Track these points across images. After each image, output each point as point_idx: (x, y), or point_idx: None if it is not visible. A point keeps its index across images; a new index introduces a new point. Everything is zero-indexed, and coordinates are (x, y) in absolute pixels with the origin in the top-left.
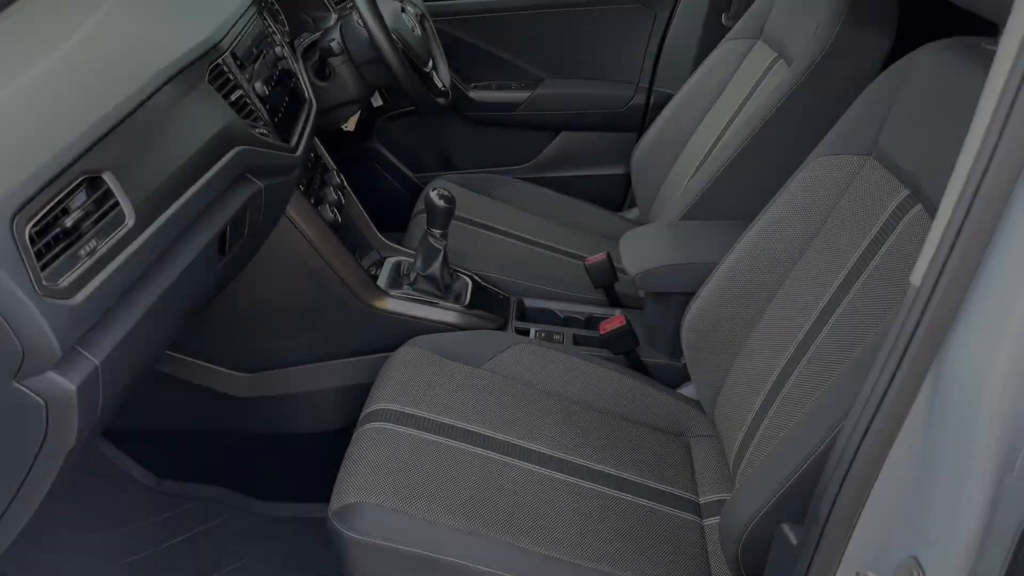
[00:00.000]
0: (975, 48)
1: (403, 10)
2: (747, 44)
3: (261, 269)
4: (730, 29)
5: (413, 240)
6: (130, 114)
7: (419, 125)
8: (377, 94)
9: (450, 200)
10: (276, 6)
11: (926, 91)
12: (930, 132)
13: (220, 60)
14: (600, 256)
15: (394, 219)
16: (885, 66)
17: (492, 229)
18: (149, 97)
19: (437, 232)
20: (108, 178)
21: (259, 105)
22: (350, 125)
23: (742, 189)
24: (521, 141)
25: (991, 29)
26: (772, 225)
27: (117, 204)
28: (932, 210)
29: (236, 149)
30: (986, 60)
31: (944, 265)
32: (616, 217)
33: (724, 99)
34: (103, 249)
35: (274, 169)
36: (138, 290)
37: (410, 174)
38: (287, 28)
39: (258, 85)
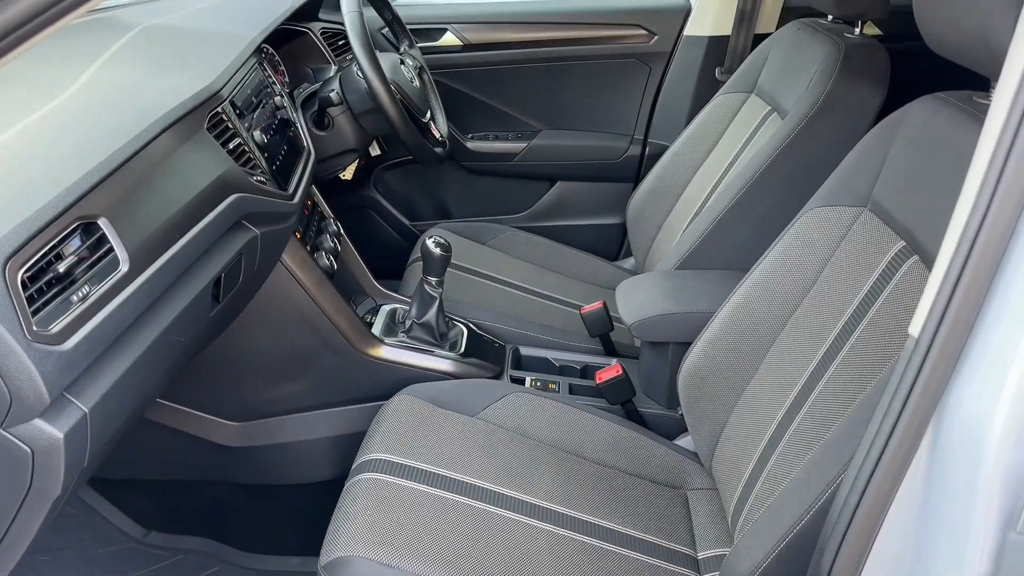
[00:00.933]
0: (966, 101)
1: (402, 62)
2: (741, 98)
3: (255, 316)
4: (724, 83)
5: (409, 288)
6: (127, 160)
7: (416, 174)
8: (375, 143)
9: (446, 248)
10: (277, 58)
11: (919, 143)
12: (924, 184)
13: (219, 108)
14: (596, 305)
15: (391, 267)
16: (878, 119)
17: (488, 277)
18: (147, 144)
19: (433, 280)
20: (103, 224)
21: (257, 153)
22: (348, 174)
23: (737, 239)
24: (518, 191)
25: (983, 83)
26: (768, 276)
27: (112, 250)
28: (929, 261)
29: (233, 196)
30: (978, 112)
31: (943, 316)
32: (612, 266)
33: (718, 151)
34: (96, 295)
35: (271, 216)
36: (130, 336)
37: (407, 222)
38: (287, 79)
39: (257, 134)
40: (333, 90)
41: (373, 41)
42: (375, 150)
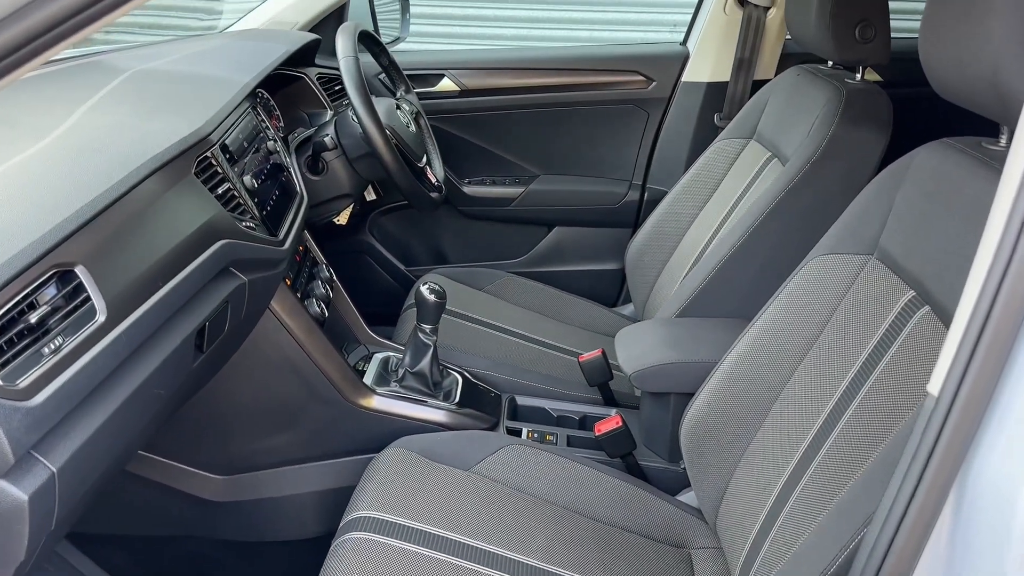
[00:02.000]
0: (975, 147)
1: (398, 107)
2: (740, 144)
3: (242, 365)
4: (723, 129)
5: (403, 335)
6: (109, 206)
7: (412, 219)
8: (371, 188)
9: (441, 295)
10: (272, 102)
11: (927, 190)
12: (933, 232)
13: (208, 153)
14: (595, 353)
15: (386, 313)
16: (882, 165)
17: (484, 324)
18: (131, 189)
19: (427, 327)
20: (80, 272)
21: (247, 198)
22: (343, 218)
23: (739, 287)
24: (515, 236)
25: (990, 129)
26: (772, 325)
27: (88, 299)
28: (940, 312)
29: (220, 243)
30: (988, 159)
31: (963, 375)
32: (611, 313)
33: (718, 197)
34: (69, 346)
35: (260, 263)
36: (105, 390)
37: (402, 268)
38: (283, 123)
39: (247, 179)
40: (327, 135)
41: (369, 86)
42: (371, 195)
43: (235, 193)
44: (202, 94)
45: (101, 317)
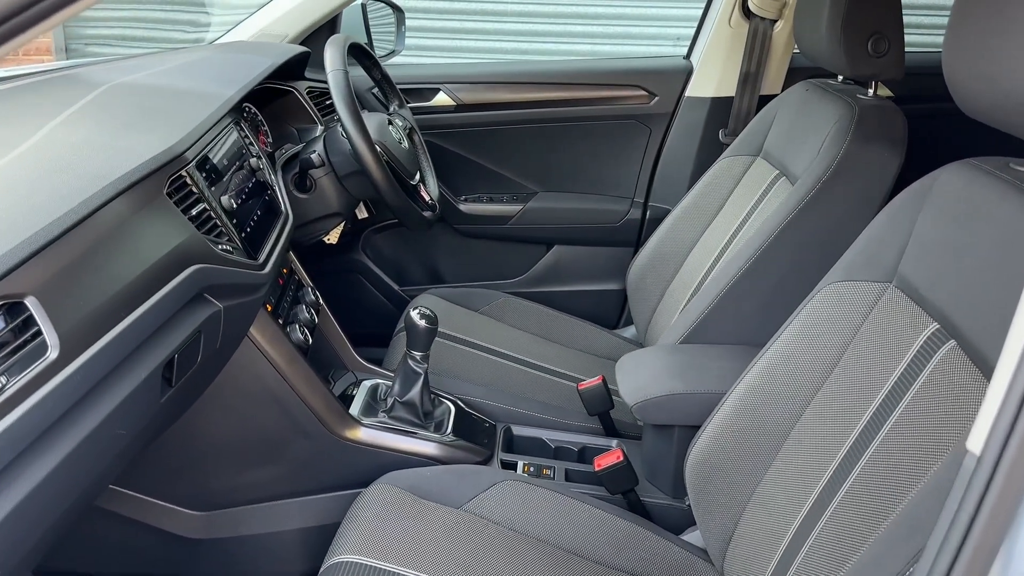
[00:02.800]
0: (1004, 168)
1: (390, 123)
2: (746, 161)
3: (218, 397)
4: (727, 146)
5: (394, 360)
6: (68, 230)
7: (406, 237)
8: (362, 206)
9: (432, 320)
10: (259, 117)
11: (952, 214)
12: (959, 260)
13: (183, 172)
14: (595, 381)
15: (379, 334)
16: (897, 186)
17: (479, 347)
18: (94, 211)
19: (418, 355)
20: (31, 303)
21: (225, 219)
22: (332, 237)
23: (746, 312)
24: (512, 255)
25: (1017, 148)
26: (784, 355)
27: (39, 333)
28: (969, 348)
29: (192, 268)
30: (1018, 181)
31: (1009, 434)
32: (611, 336)
33: (723, 216)
34: (16, 386)
35: (237, 288)
36: (58, 432)
37: (396, 287)
38: (271, 139)
39: (225, 199)
40: (315, 151)
41: (361, 101)
42: (362, 212)
43: (212, 214)
44: (181, 109)
45: (53, 353)
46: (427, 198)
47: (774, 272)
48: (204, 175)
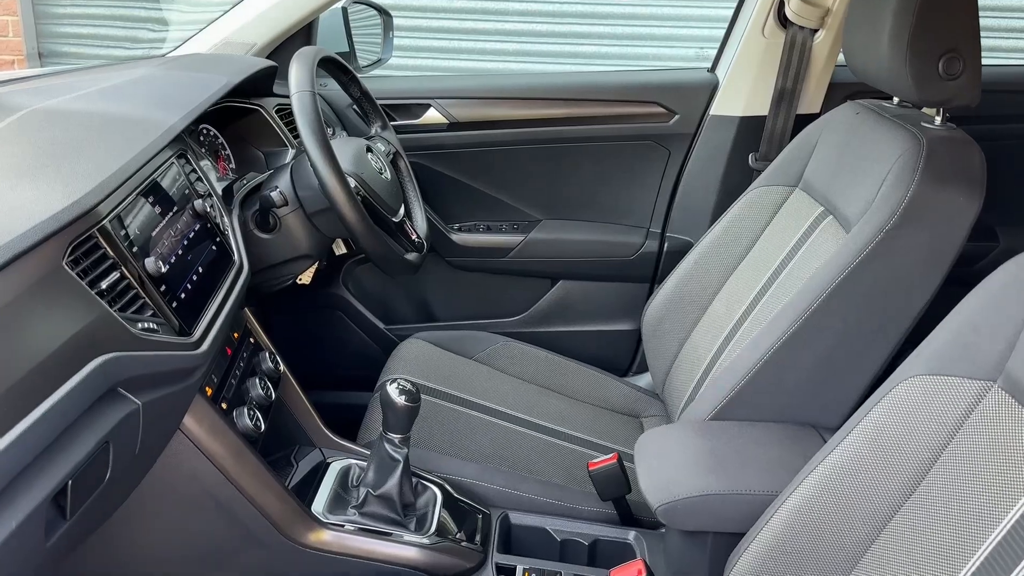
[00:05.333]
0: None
1: (369, 149)
2: (782, 192)
3: (147, 503)
4: (759, 172)
5: (369, 433)
6: None
7: None
8: (340, 241)
9: (414, 397)
10: (220, 139)
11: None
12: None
13: (93, 231)
14: (608, 460)
15: (361, 378)
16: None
17: (472, 406)
18: None
19: (396, 438)
20: None
21: (150, 286)
22: (306, 278)
23: (792, 382)
24: (512, 291)
25: None
26: (854, 462)
27: None
28: None
29: (101, 359)
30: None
31: None
32: (624, 385)
33: (756, 256)
34: None
35: (162, 377)
36: None
37: (381, 326)
38: (233, 164)
39: (151, 261)
40: (277, 187)
41: (341, 119)
42: (340, 248)
43: (131, 282)
44: (105, 143)
45: None
46: (414, 236)
47: (826, 336)
48: (124, 232)
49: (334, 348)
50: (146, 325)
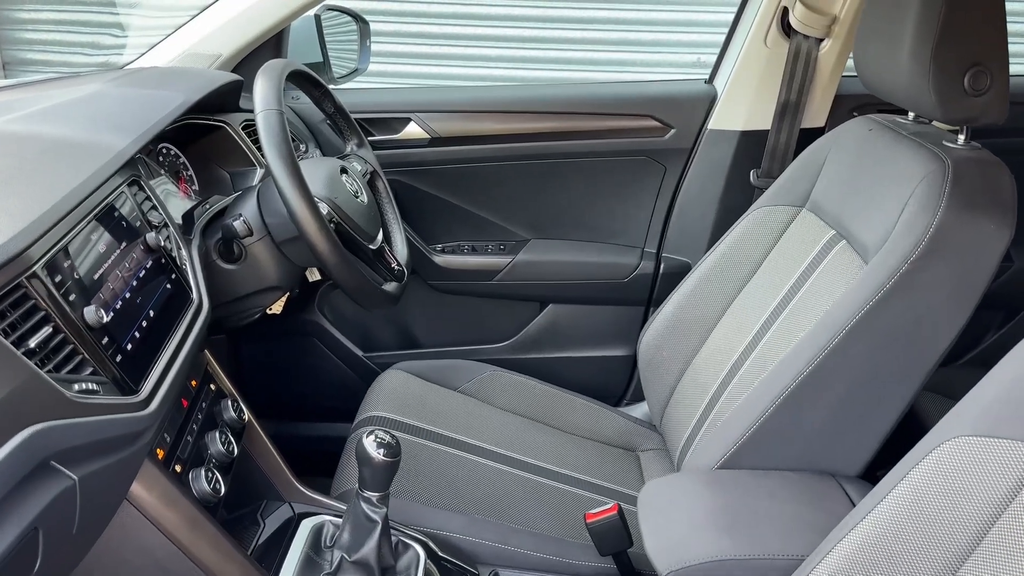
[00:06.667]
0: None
1: (344, 171)
2: (788, 212)
3: None
4: (761, 190)
5: (346, 478)
6: None
7: None
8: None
9: (394, 451)
10: (182, 159)
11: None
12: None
13: (22, 279)
14: (607, 511)
15: (339, 409)
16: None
17: (457, 444)
18: None
19: (374, 496)
20: None
21: (90, 339)
22: (277, 307)
23: (809, 427)
24: (499, 316)
25: None
26: (892, 529)
27: None
28: None
29: (27, 432)
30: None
31: None
32: (619, 416)
33: (762, 280)
34: None
35: (103, 445)
36: None
37: (360, 354)
38: (196, 186)
39: (90, 311)
40: (240, 215)
41: (317, 134)
42: (314, 275)
43: (66, 336)
44: (41, 174)
45: None
46: (394, 264)
47: (845, 377)
48: (59, 278)
49: (309, 378)
50: (84, 386)
